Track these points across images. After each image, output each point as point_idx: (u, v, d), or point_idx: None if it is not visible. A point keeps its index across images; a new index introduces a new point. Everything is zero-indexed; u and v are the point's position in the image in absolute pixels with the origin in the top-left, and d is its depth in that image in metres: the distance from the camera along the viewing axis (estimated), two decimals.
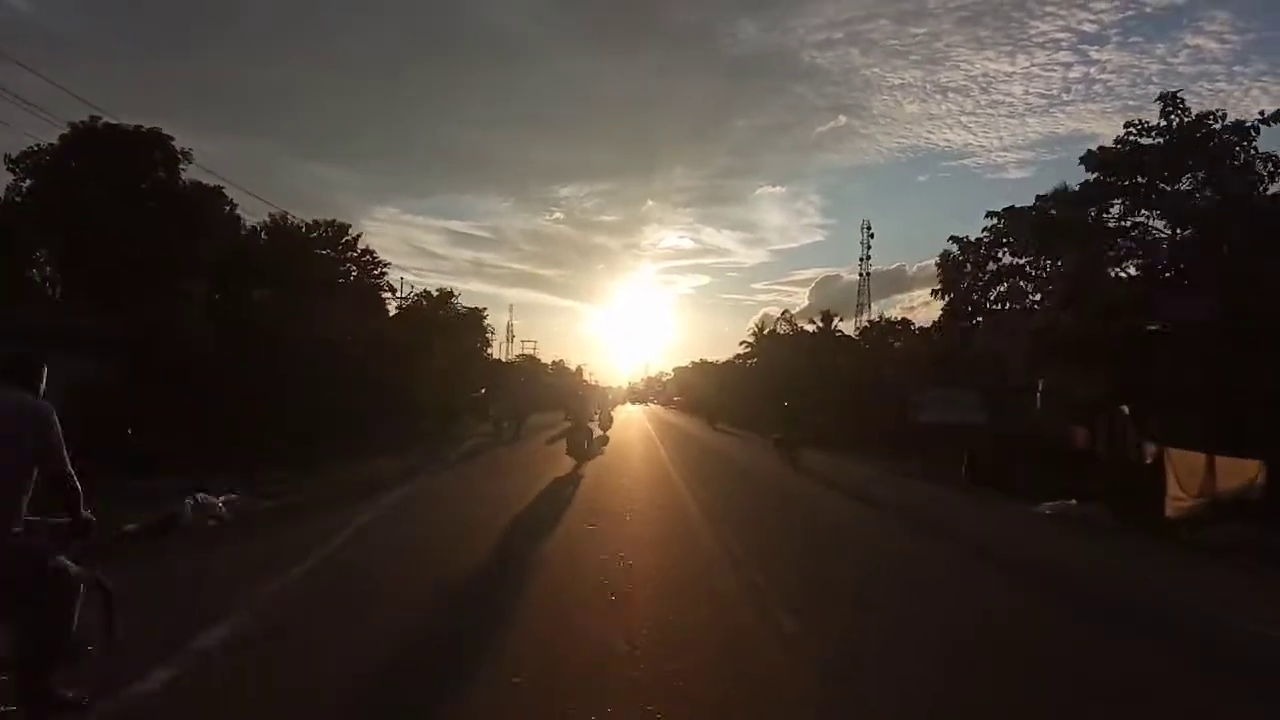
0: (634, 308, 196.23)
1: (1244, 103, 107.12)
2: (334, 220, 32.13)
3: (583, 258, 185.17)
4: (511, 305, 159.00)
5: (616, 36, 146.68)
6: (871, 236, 54.84)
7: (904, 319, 43.56)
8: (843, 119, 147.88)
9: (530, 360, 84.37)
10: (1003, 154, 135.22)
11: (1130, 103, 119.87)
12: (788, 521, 10.84)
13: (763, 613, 5.59)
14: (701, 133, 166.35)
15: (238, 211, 25.10)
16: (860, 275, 53.94)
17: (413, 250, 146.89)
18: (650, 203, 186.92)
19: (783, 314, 58.07)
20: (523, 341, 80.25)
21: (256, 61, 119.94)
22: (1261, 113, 16.55)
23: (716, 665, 4.47)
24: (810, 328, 49.33)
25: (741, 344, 60.85)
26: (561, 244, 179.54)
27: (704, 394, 63.02)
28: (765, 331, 54.82)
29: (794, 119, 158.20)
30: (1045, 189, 20.47)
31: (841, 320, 48.58)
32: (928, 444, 20.22)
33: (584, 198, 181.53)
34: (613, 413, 30.28)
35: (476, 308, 52.81)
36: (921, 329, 38.05)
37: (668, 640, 4.86)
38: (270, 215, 28.80)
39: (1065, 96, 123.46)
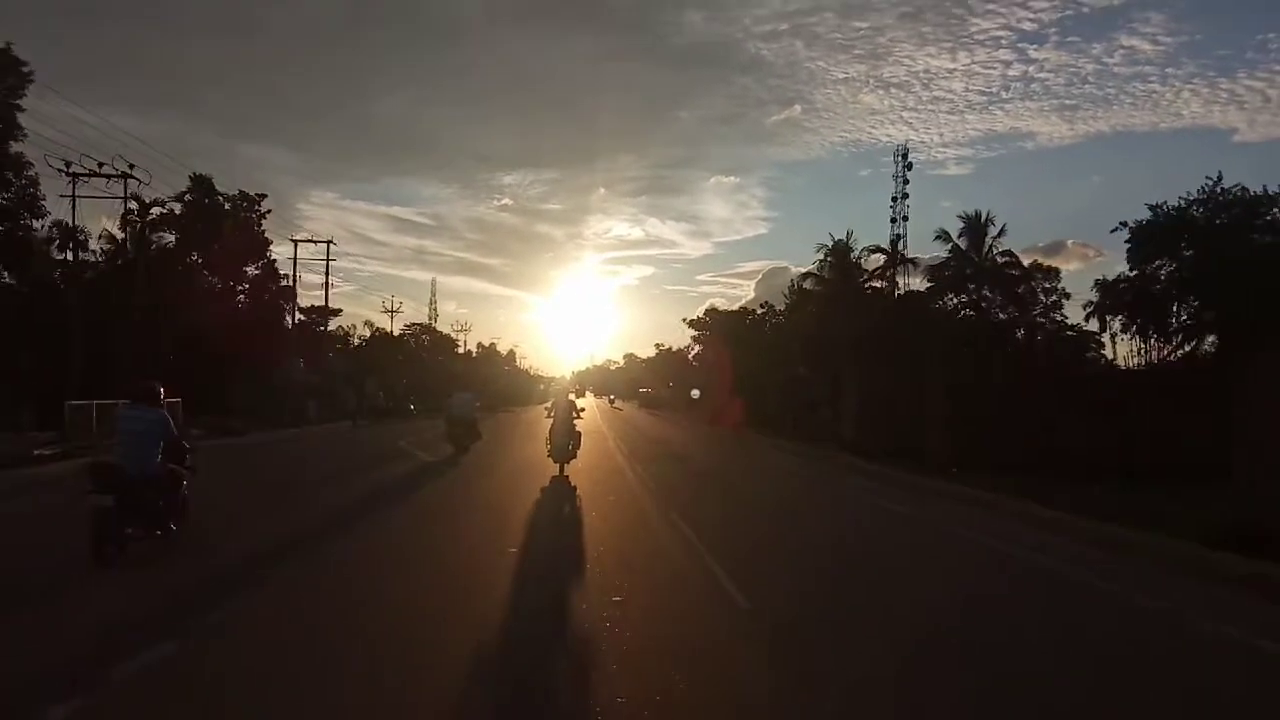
0: (578, 298, 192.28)
1: (1175, 104, 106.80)
2: None
3: (526, 246, 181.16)
4: (434, 279, 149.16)
5: (561, 21, 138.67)
6: (909, 168, 39.66)
7: None
8: (791, 110, 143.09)
9: (432, 335, 60.14)
10: (943, 150, 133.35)
11: (1067, 102, 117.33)
12: None
13: None
14: (647, 123, 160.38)
15: None
16: (893, 220, 38.37)
17: (352, 236, 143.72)
18: (598, 191, 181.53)
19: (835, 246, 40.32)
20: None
21: (184, 33, 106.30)
22: None
23: None
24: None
25: (765, 306, 50.35)
26: (505, 232, 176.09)
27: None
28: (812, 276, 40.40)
29: (738, 110, 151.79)
30: (983, 186, 20.14)
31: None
32: None
33: (529, 185, 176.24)
34: (577, 424, 15.50)
35: (249, 194, 35.09)
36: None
37: None
38: None
39: (1004, 94, 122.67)
